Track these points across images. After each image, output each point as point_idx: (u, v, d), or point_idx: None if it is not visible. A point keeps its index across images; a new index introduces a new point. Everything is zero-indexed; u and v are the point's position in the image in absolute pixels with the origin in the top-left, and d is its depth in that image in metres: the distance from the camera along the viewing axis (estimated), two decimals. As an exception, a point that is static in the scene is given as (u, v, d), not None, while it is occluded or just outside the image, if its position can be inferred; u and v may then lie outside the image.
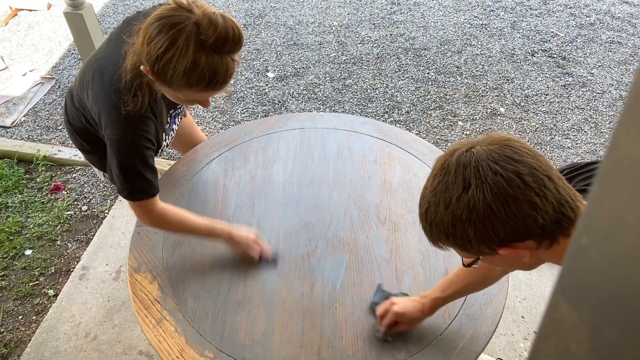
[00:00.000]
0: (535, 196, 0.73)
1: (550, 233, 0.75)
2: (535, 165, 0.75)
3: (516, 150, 0.76)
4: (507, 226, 0.74)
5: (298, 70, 3.40)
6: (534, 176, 0.73)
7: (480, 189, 0.74)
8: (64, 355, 1.93)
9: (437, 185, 0.79)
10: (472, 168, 0.75)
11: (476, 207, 0.74)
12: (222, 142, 1.82)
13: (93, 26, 1.99)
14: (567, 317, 0.26)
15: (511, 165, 0.74)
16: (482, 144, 0.78)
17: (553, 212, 0.74)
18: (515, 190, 0.73)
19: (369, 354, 1.23)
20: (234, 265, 1.43)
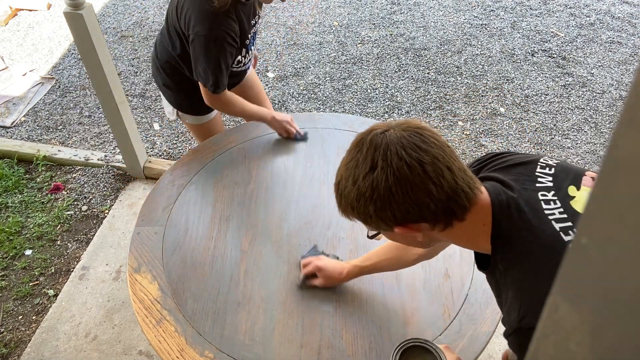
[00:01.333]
0: (431, 184, 0.80)
1: (443, 218, 0.83)
2: (439, 155, 0.81)
3: (425, 139, 0.82)
4: (403, 208, 0.81)
5: (298, 70, 3.40)
6: (435, 166, 0.80)
7: (384, 171, 0.80)
8: (64, 355, 1.93)
9: (349, 160, 0.86)
10: (382, 150, 0.81)
11: (378, 187, 0.81)
12: (222, 142, 1.82)
13: (93, 26, 1.99)
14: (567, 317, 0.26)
15: (416, 153, 0.80)
16: (396, 128, 0.84)
17: (446, 200, 0.81)
18: (414, 177, 0.79)
19: (369, 354, 1.23)
20: (234, 265, 1.43)
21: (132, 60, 3.49)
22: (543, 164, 0.92)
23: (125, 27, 3.83)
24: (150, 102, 3.14)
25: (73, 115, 3.05)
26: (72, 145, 2.85)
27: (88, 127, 2.97)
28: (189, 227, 1.53)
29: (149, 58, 3.50)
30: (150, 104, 3.13)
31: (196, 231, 1.51)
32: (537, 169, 0.91)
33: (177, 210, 1.58)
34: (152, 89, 3.24)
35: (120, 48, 3.62)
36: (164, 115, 3.05)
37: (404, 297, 1.35)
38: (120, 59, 3.51)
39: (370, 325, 1.29)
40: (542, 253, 0.81)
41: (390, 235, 0.92)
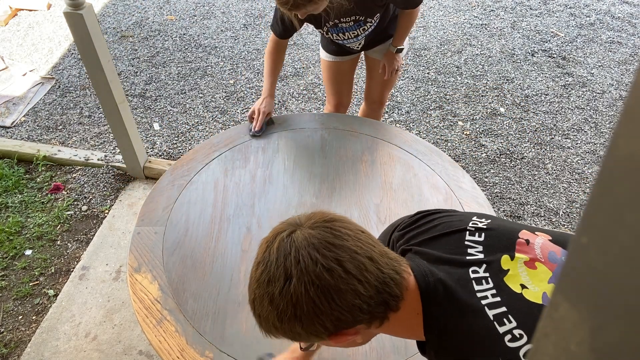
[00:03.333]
0: (357, 283, 0.71)
1: (378, 314, 0.74)
2: (356, 248, 0.72)
3: (336, 233, 0.73)
4: (333, 318, 0.72)
5: (298, 70, 3.40)
6: (356, 261, 0.71)
7: (301, 281, 0.70)
8: (64, 355, 1.93)
9: (259, 275, 0.75)
10: (293, 258, 0.72)
11: (299, 302, 0.71)
12: (222, 142, 1.82)
13: (93, 26, 1.99)
14: (567, 317, 0.26)
15: (331, 252, 0.71)
16: (303, 226, 0.75)
17: (377, 295, 0.72)
18: (336, 280, 0.70)
19: (369, 354, 1.23)
20: (235, 265, 1.43)
21: (132, 60, 3.49)
22: (472, 228, 0.84)
23: (125, 27, 3.83)
24: (150, 102, 3.14)
25: (73, 115, 3.05)
26: (72, 145, 2.85)
27: (88, 127, 2.97)
28: (189, 227, 1.53)
29: (149, 58, 3.51)
30: (150, 104, 3.13)
31: (196, 231, 1.52)
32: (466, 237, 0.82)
33: (177, 210, 1.58)
34: (152, 89, 3.24)
35: (120, 48, 3.62)
36: (164, 115, 3.05)
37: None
38: (120, 59, 3.51)
39: None
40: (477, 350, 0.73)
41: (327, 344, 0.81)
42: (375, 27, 1.92)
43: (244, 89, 3.23)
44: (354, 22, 1.85)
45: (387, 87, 2.25)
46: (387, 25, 2.00)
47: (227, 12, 4.01)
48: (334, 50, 2.12)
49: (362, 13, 1.81)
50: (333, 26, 1.87)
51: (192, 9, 4.05)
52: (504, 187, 2.63)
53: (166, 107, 3.11)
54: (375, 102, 2.33)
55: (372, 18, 1.86)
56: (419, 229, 0.90)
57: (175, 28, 3.83)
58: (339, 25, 1.87)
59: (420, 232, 0.89)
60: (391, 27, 2.01)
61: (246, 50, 3.58)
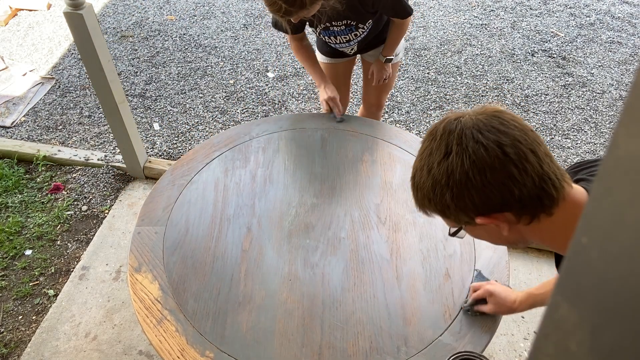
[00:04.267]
0: (513, 167, 0.73)
1: (530, 208, 0.75)
2: (520, 138, 0.74)
3: (503, 122, 0.76)
4: (482, 194, 0.74)
5: (298, 70, 3.40)
6: (516, 148, 0.73)
7: (459, 155, 0.75)
8: (64, 355, 1.93)
9: (424, 150, 0.81)
10: (456, 135, 0.76)
11: (454, 173, 0.75)
12: (222, 142, 1.82)
13: (93, 26, 1.99)
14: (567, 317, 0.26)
15: (494, 135, 0.74)
16: (472, 113, 0.79)
17: (533, 186, 0.73)
18: (492, 160, 0.73)
19: (370, 354, 1.23)
20: (235, 265, 1.43)
21: (132, 60, 3.49)
22: None
23: (125, 27, 3.83)
24: (150, 102, 3.14)
25: (73, 115, 3.05)
26: (72, 145, 2.85)
27: (88, 127, 2.97)
28: (189, 227, 1.53)
29: (149, 58, 3.51)
30: (150, 104, 3.13)
31: (196, 231, 1.52)
32: None
33: (177, 210, 1.58)
34: (152, 89, 3.24)
35: (120, 48, 3.62)
36: (164, 115, 3.05)
37: (404, 297, 1.35)
38: (120, 59, 3.51)
39: (370, 325, 1.29)
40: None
41: (473, 231, 0.84)
42: (368, 33, 1.92)
43: (244, 89, 3.23)
44: (345, 27, 1.85)
45: (384, 91, 2.25)
46: (382, 28, 1.99)
47: (227, 12, 4.01)
48: (328, 52, 2.12)
49: (353, 18, 1.81)
50: (324, 29, 1.87)
51: (192, 9, 4.05)
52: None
53: (166, 107, 3.11)
54: (373, 105, 2.33)
55: (364, 24, 1.85)
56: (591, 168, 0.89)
57: (175, 28, 3.83)
58: (330, 29, 1.86)
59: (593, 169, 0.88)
60: (387, 31, 2.01)
61: (246, 50, 3.58)
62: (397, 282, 1.38)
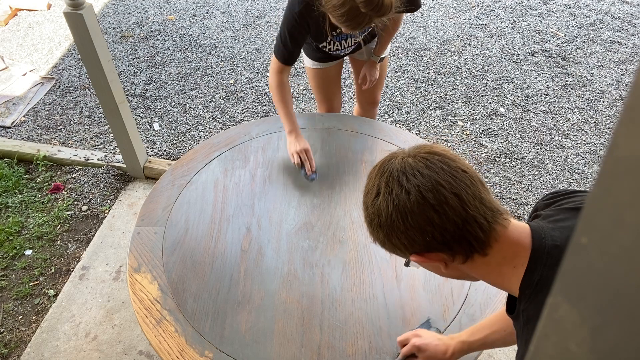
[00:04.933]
0: (432, 212, 0.75)
1: (459, 249, 0.77)
2: (444, 182, 0.76)
3: (430, 165, 0.78)
4: (407, 237, 0.78)
5: (298, 70, 3.40)
6: (437, 193, 0.76)
7: (385, 198, 0.79)
8: (64, 355, 1.93)
9: (365, 187, 0.86)
10: (385, 177, 0.80)
11: (381, 215, 0.79)
12: (222, 142, 1.82)
13: (93, 26, 1.99)
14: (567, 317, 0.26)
15: (416, 179, 0.77)
16: (409, 153, 0.82)
17: (456, 230, 0.75)
18: (412, 204, 0.76)
19: (369, 354, 1.23)
20: (234, 265, 1.43)
21: (132, 60, 3.49)
22: None
23: (125, 27, 3.83)
24: (150, 102, 3.14)
25: (73, 115, 3.05)
26: (72, 145, 2.85)
27: (88, 127, 2.97)
28: (189, 227, 1.53)
29: (149, 58, 3.51)
30: (150, 104, 3.13)
31: (196, 231, 1.52)
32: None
33: (177, 210, 1.58)
34: (152, 89, 3.24)
35: (120, 48, 3.62)
36: (164, 115, 3.05)
37: (404, 297, 1.35)
38: (120, 59, 3.51)
39: (370, 325, 1.29)
40: None
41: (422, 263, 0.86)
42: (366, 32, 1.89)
43: (244, 89, 3.23)
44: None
45: (378, 87, 2.23)
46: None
47: (227, 12, 4.01)
48: (319, 57, 2.05)
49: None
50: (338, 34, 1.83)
51: (192, 9, 4.05)
52: (504, 187, 2.63)
53: (166, 107, 3.11)
54: (369, 103, 2.30)
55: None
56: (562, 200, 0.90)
57: (175, 28, 3.83)
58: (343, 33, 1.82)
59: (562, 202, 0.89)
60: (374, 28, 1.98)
61: (246, 50, 3.58)
62: (397, 282, 1.38)
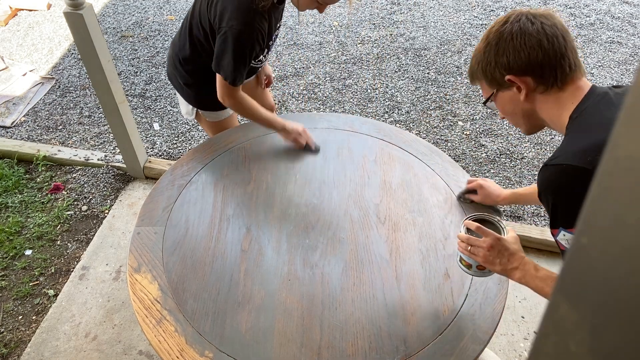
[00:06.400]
0: (544, 38, 0.98)
1: (546, 76, 1.00)
2: (559, 26, 1.00)
3: (550, 17, 1.01)
4: (516, 53, 1.00)
5: (298, 70, 3.40)
6: (553, 29, 0.99)
7: (512, 23, 1.02)
8: (64, 355, 1.93)
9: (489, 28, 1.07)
10: (515, 15, 1.03)
11: (504, 34, 1.02)
12: (222, 142, 1.82)
13: (93, 26, 1.99)
14: (567, 317, 0.26)
15: (542, 19, 1.01)
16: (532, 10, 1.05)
17: (553, 57, 0.98)
18: (533, 29, 0.99)
19: (369, 354, 1.23)
20: (234, 265, 1.43)
21: (132, 60, 3.49)
22: None
23: (125, 27, 3.83)
24: (150, 102, 3.14)
25: (73, 115, 3.05)
26: (72, 145, 2.85)
27: (88, 127, 2.97)
28: (189, 227, 1.53)
29: (149, 58, 3.50)
30: (150, 104, 3.13)
31: (196, 231, 1.51)
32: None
33: (177, 210, 1.58)
34: (152, 89, 3.24)
35: (120, 48, 3.62)
36: (164, 115, 3.05)
37: (404, 297, 1.35)
38: (120, 59, 3.51)
39: (370, 325, 1.29)
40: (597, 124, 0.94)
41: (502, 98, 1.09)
42: None
43: (244, 89, 3.23)
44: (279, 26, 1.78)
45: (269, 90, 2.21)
46: None
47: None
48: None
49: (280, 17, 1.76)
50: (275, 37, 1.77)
51: (192, 9, 4.05)
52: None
53: (166, 107, 3.10)
54: (270, 108, 2.21)
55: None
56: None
57: (175, 28, 3.82)
58: (275, 33, 1.76)
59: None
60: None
61: (246, 50, 3.58)
62: (397, 282, 1.38)
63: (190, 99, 1.91)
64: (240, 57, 1.58)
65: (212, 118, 1.96)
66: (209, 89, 1.81)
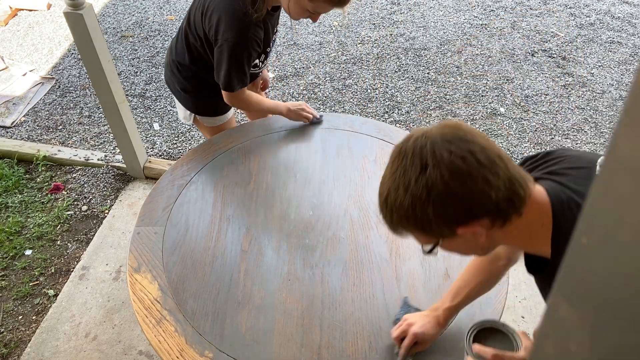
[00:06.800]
0: (488, 173, 0.77)
1: (504, 210, 0.80)
2: (486, 145, 0.79)
3: (467, 133, 0.80)
4: (464, 203, 0.78)
5: (298, 70, 3.40)
6: (486, 154, 0.78)
7: (437, 167, 0.77)
8: (64, 355, 1.93)
9: (395, 170, 0.82)
10: (428, 150, 0.79)
11: (434, 185, 0.77)
12: (221, 142, 1.82)
13: (93, 26, 1.99)
14: (567, 317, 0.26)
15: (464, 145, 0.78)
16: (435, 129, 0.82)
17: (505, 189, 0.78)
18: (469, 168, 0.77)
19: (369, 354, 1.23)
20: (234, 265, 1.43)
21: (132, 60, 3.49)
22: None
23: (125, 27, 3.83)
24: (150, 102, 3.14)
25: (73, 115, 3.05)
26: (72, 145, 2.85)
27: (88, 127, 2.97)
28: (189, 227, 1.53)
29: (149, 58, 3.51)
30: (150, 104, 3.13)
31: (196, 231, 1.51)
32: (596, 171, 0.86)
33: (177, 210, 1.58)
34: (152, 89, 3.24)
35: (120, 48, 3.62)
36: (164, 115, 3.05)
37: (404, 297, 1.35)
38: (120, 59, 3.51)
39: (370, 325, 1.29)
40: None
41: (450, 244, 0.87)
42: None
43: (244, 89, 3.23)
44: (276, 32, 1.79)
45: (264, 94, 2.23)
46: None
47: (227, 12, 4.01)
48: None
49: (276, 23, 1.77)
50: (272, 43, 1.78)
51: (192, 9, 4.05)
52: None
53: (166, 107, 3.10)
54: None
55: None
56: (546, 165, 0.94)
57: (175, 28, 3.82)
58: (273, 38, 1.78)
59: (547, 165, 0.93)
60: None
61: (246, 50, 3.58)
62: (397, 282, 1.38)
63: (188, 105, 1.92)
64: (237, 67, 1.62)
65: (210, 123, 1.97)
66: (207, 95, 1.83)
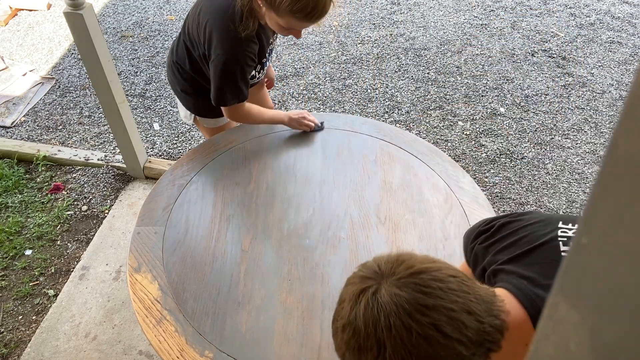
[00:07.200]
0: (458, 345, 0.65)
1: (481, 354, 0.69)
2: (452, 304, 0.66)
3: (427, 290, 0.67)
4: None
5: (298, 70, 3.40)
6: (454, 321, 0.65)
7: (397, 352, 0.65)
8: (64, 355, 1.93)
9: (349, 340, 0.69)
10: (384, 326, 0.66)
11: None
12: (222, 142, 1.82)
13: (93, 26, 1.99)
14: (567, 317, 0.26)
15: (425, 317, 0.65)
16: (387, 280, 0.69)
17: (479, 348, 0.67)
18: (435, 347, 0.64)
19: (369, 354, 1.23)
20: (234, 265, 1.43)
21: (132, 60, 3.49)
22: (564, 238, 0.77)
23: (125, 27, 3.83)
24: (150, 102, 3.14)
25: (73, 115, 3.05)
26: (72, 145, 2.85)
27: (88, 127, 2.97)
28: (189, 227, 1.53)
29: (149, 58, 3.51)
30: (150, 104, 3.13)
31: (196, 231, 1.52)
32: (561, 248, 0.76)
33: (177, 210, 1.58)
34: (152, 89, 3.24)
35: (120, 48, 3.62)
36: (164, 115, 3.05)
37: (404, 297, 1.35)
38: (120, 59, 3.51)
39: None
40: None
41: None
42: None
43: (244, 89, 3.23)
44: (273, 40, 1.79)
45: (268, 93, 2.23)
46: None
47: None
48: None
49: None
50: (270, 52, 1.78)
51: (192, 9, 4.05)
52: (504, 187, 2.63)
53: (166, 107, 3.11)
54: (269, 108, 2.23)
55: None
56: (504, 242, 0.84)
57: (175, 28, 3.82)
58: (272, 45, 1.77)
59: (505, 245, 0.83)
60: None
61: (246, 50, 3.58)
62: (397, 282, 1.38)
63: (188, 105, 1.93)
64: (230, 83, 1.61)
65: (210, 124, 1.98)
66: (208, 97, 1.82)
